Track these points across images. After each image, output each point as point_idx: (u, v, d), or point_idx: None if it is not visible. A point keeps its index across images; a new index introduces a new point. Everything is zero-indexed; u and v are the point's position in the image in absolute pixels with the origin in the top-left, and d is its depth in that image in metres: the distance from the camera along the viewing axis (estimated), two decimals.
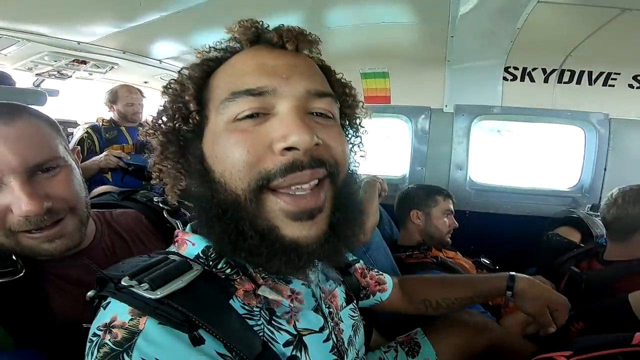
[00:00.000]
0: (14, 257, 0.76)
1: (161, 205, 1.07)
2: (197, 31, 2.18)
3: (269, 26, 0.67)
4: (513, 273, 1.12)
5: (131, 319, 0.53)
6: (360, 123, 0.81)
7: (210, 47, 0.68)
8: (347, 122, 0.78)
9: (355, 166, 0.79)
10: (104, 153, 2.57)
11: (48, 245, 0.77)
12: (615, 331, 0.98)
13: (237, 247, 0.59)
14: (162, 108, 0.68)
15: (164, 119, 0.67)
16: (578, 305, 1.49)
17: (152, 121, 0.69)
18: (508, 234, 2.62)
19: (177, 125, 0.64)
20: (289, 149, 0.56)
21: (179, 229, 1.00)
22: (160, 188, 0.73)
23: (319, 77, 0.66)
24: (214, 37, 0.70)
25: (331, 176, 0.62)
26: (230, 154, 0.57)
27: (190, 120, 0.64)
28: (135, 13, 1.86)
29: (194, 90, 0.64)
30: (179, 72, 0.68)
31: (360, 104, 0.79)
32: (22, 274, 0.75)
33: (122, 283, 0.56)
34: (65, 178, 0.80)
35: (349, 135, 0.80)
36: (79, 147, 2.50)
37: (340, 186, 0.64)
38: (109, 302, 0.57)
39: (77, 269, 0.83)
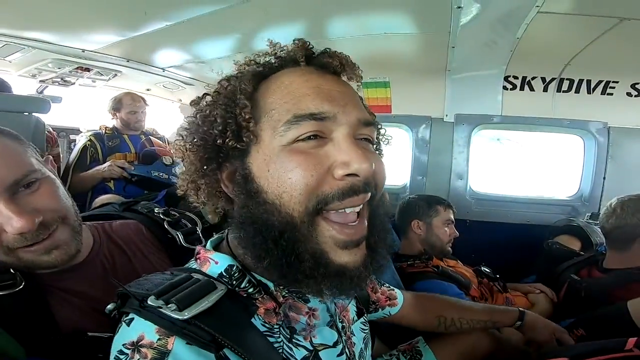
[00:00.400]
0: (12, 271, 0.76)
1: (162, 216, 1.07)
2: (201, 40, 2.21)
3: (313, 46, 0.69)
4: (522, 309, 1.28)
5: (159, 339, 0.53)
6: (380, 146, 0.82)
7: (250, 60, 0.69)
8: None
9: None
10: (108, 163, 2.56)
11: (47, 257, 0.77)
12: (615, 338, 1.00)
13: (292, 268, 0.59)
14: (201, 121, 0.65)
15: (210, 133, 0.64)
16: (578, 313, 1.51)
17: (192, 135, 0.66)
18: (508, 242, 2.63)
19: (229, 142, 0.62)
20: (348, 174, 0.58)
21: (179, 240, 1.00)
22: (197, 206, 0.72)
23: (363, 106, 0.68)
24: (217, 46, 0.71)
25: (370, 199, 0.64)
26: (292, 176, 0.58)
27: (245, 139, 0.62)
28: (140, 22, 1.88)
29: (250, 107, 0.62)
30: (219, 83, 0.68)
31: (383, 130, 0.81)
32: (22, 287, 0.75)
33: (149, 302, 0.56)
34: (48, 190, 0.79)
35: None
36: (51, 157, 2.49)
37: (375, 207, 0.66)
38: (133, 319, 0.57)
39: (76, 281, 0.82)
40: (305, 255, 0.59)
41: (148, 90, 3.18)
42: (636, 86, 2.34)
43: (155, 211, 1.09)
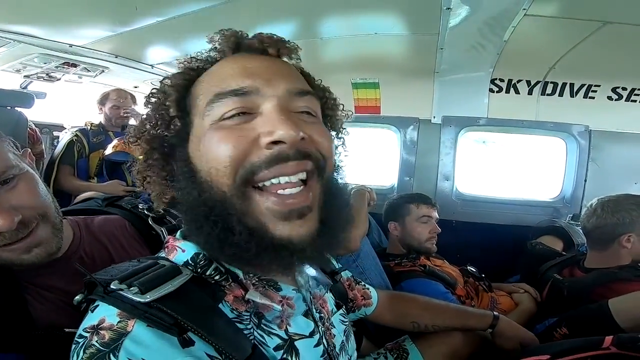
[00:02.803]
0: None
1: (146, 212, 1.05)
2: (192, 37, 2.17)
3: (247, 35, 0.70)
4: (497, 314, 1.29)
5: (120, 321, 0.53)
6: (341, 125, 0.83)
7: (191, 57, 0.71)
8: (329, 124, 0.79)
9: (340, 163, 0.80)
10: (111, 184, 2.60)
11: (27, 256, 0.75)
12: (597, 335, 1.03)
13: (224, 244, 0.59)
14: (145, 116, 0.69)
15: (147, 126, 0.68)
16: (561, 311, 1.54)
17: (134, 130, 0.70)
18: (493, 242, 2.67)
19: (159, 131, 0.66)
20: (275, 142, 0.58)
21: (164, 236, 0.98)
22: (146, 195, 0.73)
23: (299, 78, 0.69)
24: (207, 44, 0.71)
25: (318, 171, 0.63)
26: (216, 150, 0.59)
27: (172, 126, 0.66)
28: (130, 17, 1.85)
29: (175, 95, 0.66)
30: (160, 82, 0.70)
31: (341, 105, 0.81)
32: None
33: (112, 287, 0.56)
34: (27, 187, 0.76)
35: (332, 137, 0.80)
36: (29, 150, 2.50)
37: (327, 181, 0.66)
38: (97, 306, 0.57)
39: (54, 276, 0.81)
40: (238, 227, 0.58)
41: (136, 87, 3.13)
42: (617, 90, 2.41)
43: (140, 207, 1.07)
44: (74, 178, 2.66)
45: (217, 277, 0.64)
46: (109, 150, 2.64)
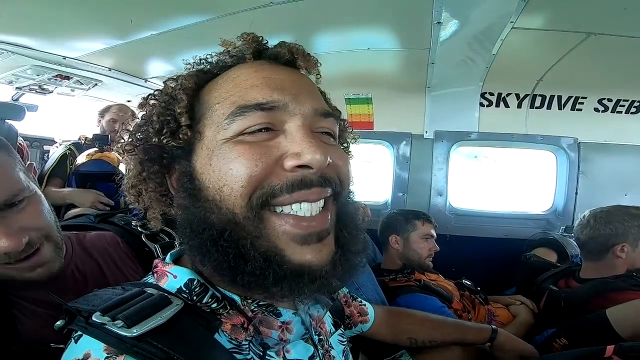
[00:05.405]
0: None
1: (140, 229, 1.03)
2: (186, 51, 2.18)
3: (267, 42, 0.66)
4: (495, 327, 1.26)
5: (107, 357, 0.49)
6: (348, 147, 0.80)
7: (201, 59, 0.66)
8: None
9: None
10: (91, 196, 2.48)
11: (30, 274, 0.75)
12: (597, 345, 1.02)
13: (237, 271, 0.54)
14: (143, 121, 0.64)
15: (149, 133, 0.62)
16: (558, 322, 1.54)
17: (130, 136, 0.64)
18: (487, 256, 2.68)
19: (164, 140, 0.60)
20: (300, 166, 0.54)
21: (157, 253, 0.97)
22: (140, 212, 0.69)
23: (322, 97, 0.66)
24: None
25: (335, 195, 0.60)
26: (234, 167, 0.54)
27: (181, 136, 0.59)
28: (125, 30, 1.86)
29: (187, 101, 0.60)
30: (164, 82, 0.65)
31: (350, 128, 0.79)
32: None
33: (94, 319, 0.51)
34: (35, 209, 0.77)
35: None
36: (34, 164, 2.47)
37: (343, 204, 0.63)
38: (81, 335, 0.53)
39: (43, 290, 0.79)
40: (252, 253, 0.53)
41: (129, 101, 3.10)
42: (602, 101, 2.48)
43: (133, 224, 1.06)
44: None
45: (214, 305, 0.59)
46: (81, 158, 2.43)
